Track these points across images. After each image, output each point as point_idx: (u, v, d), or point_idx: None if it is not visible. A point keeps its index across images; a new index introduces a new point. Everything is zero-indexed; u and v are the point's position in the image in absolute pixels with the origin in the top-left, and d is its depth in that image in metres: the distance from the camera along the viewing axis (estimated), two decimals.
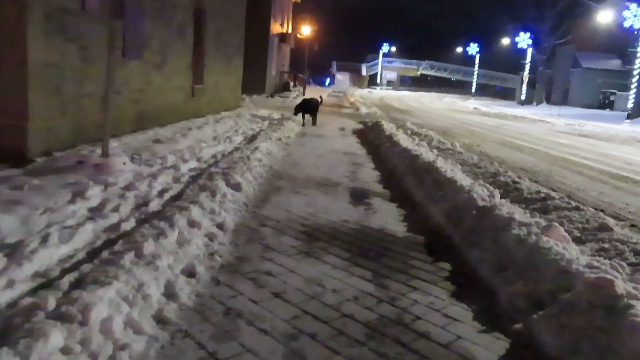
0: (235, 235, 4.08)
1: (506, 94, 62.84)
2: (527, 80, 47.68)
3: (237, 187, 5.25)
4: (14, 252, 3.07)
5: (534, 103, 44.78)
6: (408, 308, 3.06)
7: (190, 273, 3.18)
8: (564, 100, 38.76)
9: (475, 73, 65.39)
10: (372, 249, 4.10)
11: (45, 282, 2.83)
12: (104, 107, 6.11)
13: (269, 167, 7.05)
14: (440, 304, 3.15)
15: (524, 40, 47.52)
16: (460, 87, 74.71)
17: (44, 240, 3.27)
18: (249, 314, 2.80)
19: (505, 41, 60.01)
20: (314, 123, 13.79)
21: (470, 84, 66.42)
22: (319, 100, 14.31)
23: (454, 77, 73.23)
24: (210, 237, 3.84)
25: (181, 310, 2.74)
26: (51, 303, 2.38)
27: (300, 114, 13.63)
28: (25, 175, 5.11)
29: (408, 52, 77.71)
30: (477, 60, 65.44)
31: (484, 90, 67.91)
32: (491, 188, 5.62)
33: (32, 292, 2.68)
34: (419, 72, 72.48)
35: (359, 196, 5.97)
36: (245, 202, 5.05)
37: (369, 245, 4.19)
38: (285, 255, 3.78)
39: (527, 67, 47.78)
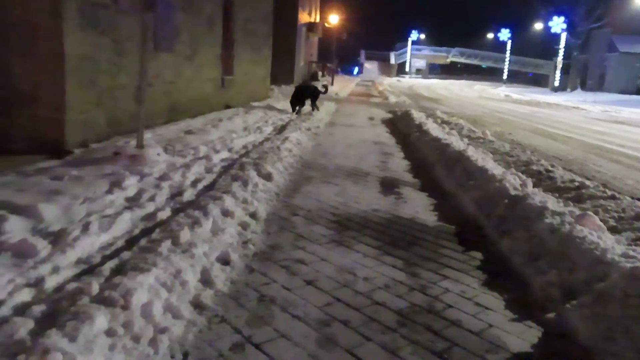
0: (267, 224, 4.16)
1: (539, 80, 61.32)
2: (560, 66, 46.42)
3: (268, 177, 5.32)
4: (58, 239, 3.21)
5: (568, 89, 43.58)
6: (439, 296, 3.08)
7: (224, 261, 3.26)
8: (599, 86, 37.64)
9: (507, 59, 64.00)
10: (402, 238, 4.11)
11: (87, 268, 2.95)
12: (137, 98, 6.25)
13: (299, 157, 7.10)
14: (471, 293, 3.16)
15: (557, 24, 46.25)
16: (491, 75, 73.26)
17: (85, 228, 3.40)
18: (283, 301, 2.86)
19: (538, 26, 58.52)
20: (314, 109, 12.68)
21: (502, 70, 65.08)
22: (323, 89, 13.36)
23: (484, 64, 71.82)
24: (243, 226, 3.92)
25: (217, 297, 2.82)
26: (95, 288, 2.50)
27: (297, 106, 12.43)
28: (64, 166, 5.29)
29: (437, 39, 76.60)
30: (508, 47, 64.03)
31: (515, 77, 66.45)
32: (523, 177, 5.55)
33: (76, 277, 2.81)
34: (448, 60, 71.37)
35: (389, 185, 5.97)
36: (277, 192, 5.12)
37: (399, 235, 4.20)
38: (316, 243, 3.83)
39: (561, 52, 46.49)
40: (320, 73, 33.21)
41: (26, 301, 2.48)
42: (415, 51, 72.29)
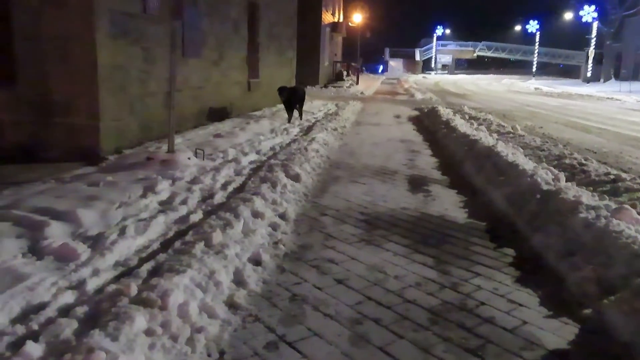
0: (297, 225, 4.20)
1: (570, 72, 59.83)
2: (592, 56, 45.16)
3: (296, 178, 5.37)
4: (97, 243, 3.33)
5: (601, 80, 42.39)
6: (471, 294, 3.06)
7: (256, 261, 3.31)
8: (634, 76, 36.42)
9: (536, 51, 62.60)
10: (432, 236, 4.10)
11: (125, 271, 3.05)
12: (167, 104, 6.40)
13: (326, 157, 7.14)
14: (504, 290, 3.13)
15: (588, 13, 45.04)
16: (519, 67, 71.85)
17: (122, 232, 3.51)
18: (314, 300, 2.90)
19: (568, 16, 57.12)
20: (300, 117, 11.08)
21: (531, 63, 63.69)
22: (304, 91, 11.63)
23: (512, 57, 70.44)
24: (274, 226, 3.97)
25: (250, 296, 2.88)
26: (133, 289, 2.58)
27: (287, 107, 10.84)
28: (99, 172, 5.46)
29: (463, 33, 75.64)
30: (537, 38, 62.61)
31: (545, 69, 65.05)
32: (556, 171, 5.46)
33: (115, 279, 2.91)
34: (475, 54, 70.33)
35: (417, 183, 5.95)
36: (305, 192, 5.16)
37: (429, 232, 4.19)
38: (346, 243, 3.86)
39: (593, 42, 45.23)
40: (345, 72, 33.18)
41: (69, 303, 2.58)
42: (441, 47, 71.47)
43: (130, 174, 5.22)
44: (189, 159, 5.83)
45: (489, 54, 69.61)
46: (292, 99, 10.71)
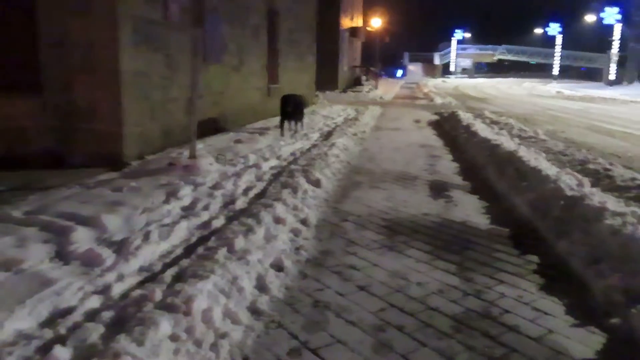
0: (318, 231, 4.20)
1: (592, 75, 58.80)
2: (616, 58, 44.35)
3: (317, 184, 5.38)
4: (121, 248, 3.38)
5: (625, 83, 41.61)
6: (495, 301, 3.02)
7: (278, 267, 3.32)
8: None
9: (557, 54, 61.74)
10: (454, 242, 4.06)
11: (150, 276, 3.09)
12: (188, 110, 6.48)
13: (346, 162, 7.14)
14: (529, 297, 3.08)
15: (611, 15, 44.27)
16: (540, 71, 70.96)
17: (146, 237, 3.56)
18: (337, 306, 2.90)
19: (590, 18, 56.22)
20: (295, 131, 9.38)
21: (552, 66, 62.85)
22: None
23: (533, 61, 69.55)
24: (295, 232, 3.98)
25: (272, 302, 2.89)
26: (158, 295, 2.62)
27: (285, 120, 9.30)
28: (123, 177, 5.55)
29: (483, 37, 74.95)
30: (558, 41, 61.77)
31: (567, 72, 64.05)
32: (580, 176, 5.38)
33: (140, 284, 2.94)
34: (495, 58, 69.62)
35: (438, 189, 5.91)
36: (326, 198, 5.17)
37: (451, 239, 4.16)
38: (367, 249, 3.85)
39: (616, 44, 44.46)
40: (364, 77, 33.17)
41: (96, 307, 2.62)
42: (460, 50, 70.93)
43: (153, 180, 5.29)
44: (210, 164, 5.89)
45: (509, 57, 68.81)
46: (292, 108, 9.15)
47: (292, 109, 9.11)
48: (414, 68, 64.42)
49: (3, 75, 6.27)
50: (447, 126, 12.04)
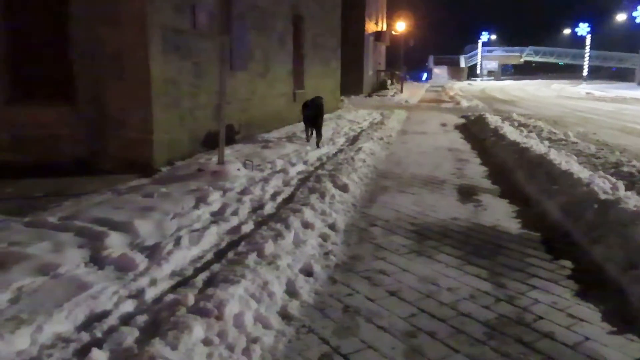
0: (346, 235, 4.20)
1: (624, 75, 57.34)
2: None
3: (344, 188, 5.38)
4: (154, 253, 3.44)
5: None
6: (528, 307, 2.97)
7: (307, 272, 3.33)
8: None
9: (587, 55, 60.38)
10: (485, 247, 4.01)
11: (182, 280, 3.13)
12: (216, 117, 6.56)
13: (373, 167, 7.12)
14: (563, 304, 3.01)
15: None
16: (569, 72, 69.42)
17: (177, 242, 3.61)
18: (367, 312, 2.89)
19: (621, 17, 54.81)
20: (317, 142, 8.60)
21: (581, 67, 61.49)
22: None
23: (561, 62, 68.21)
24: (324, 237, 3.99)
25: (303, 307, 2.89)
26: (190, 299, 2.65)
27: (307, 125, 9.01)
28: (153, 183, 5.65)
29: (509, 38, 73.97)
30: (588, 41, 60.40)
31: (597, 73, 62.60)
32: (613, 179, 5.24)
33: (172, 289, 2.99)
34: (522, 59, 68.57)
35: (467, 193, 5.84)
36: (354, 203, 5.16)
37: (481, 243, 4.10)
38: (397, 254, 3.82)
39: None
40: (389, 81, 33.05)
41: (130, 311, 2.68)
42: (486, 53, 70.12)
43: (182, 185, 5.37)
44: (238, 170, 5.95)
45: (537, 58, 67.67)
46: (313, 113, 8.73)
47: (314, 113, 8.66)
48: (439, 71, 63.91)
49: (38, 85, 6.48)
50: (475, 129, 11.89)
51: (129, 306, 2.72)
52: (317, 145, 8.46)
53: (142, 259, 3.33)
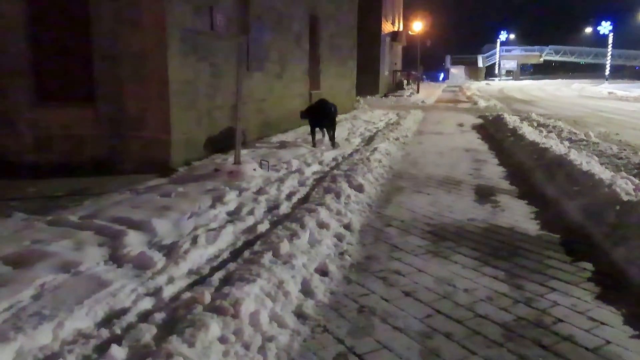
0: (362, 236, 4.19)
1: None
2: None
3: (359, 189, 5.37)
4: (171, 252, 3.48)
5: None
6: (547, 310, 2.93)
7: (323, 272, 3.33)
8: None
9: (609, 54, 59.32)
10: (502, 248, 3.96)
11: (198, 279, 3.16)
12: (233, 117, 6.60)
13: (388, 167, 7.09)
14: (583, 306, 2.97)
15: None
16: (590, 71, 68.35)
17: (194, 241, 3.65)
18: (382, 312, 2.88)
19: None
20: (333, 144, 8.52)
21: (603, 66, 60.40)
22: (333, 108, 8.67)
23: (582, 61, 67.21)
24: (339, 237, 3.99)
25: (318, 307, 2.90)
26: (207, 297, 2.67)
27: (314, 129, 8.65)
28: (171, 183, 5.71)
29: (528, 38, 73.17)
30: (610, 40, 59.35)
31: (620, 72, 61.57)
32: (637, 181, 5.15)
33: (189, 287, 3.01)
34: (541, 59, 67.74)
35: (484, 194, 5.78)
36: (369, 203, 5.15)
37: (499, 245, 4.06)
38: (412, 254, 3.81)
39: None
40: (405, 81, 32.91)
41: (148, 309, 2.71)
42: (505, 52, 69.39)
43: (199, 185, 5.42)
44: (254, 170, 5.98)
45: (557, 58, 66.79)
46: (320, 117, 8.52)
47: (320, 115, 8.43)
48: (457, 71, 63.46)
49: (60, 87, 6.60)
50: (492, 130, 11.78)
51: (147, 304, 2.76)
52: (333, 146, 8.41)
53: (159, 257, 3.37)
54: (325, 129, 8.70)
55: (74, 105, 6.61)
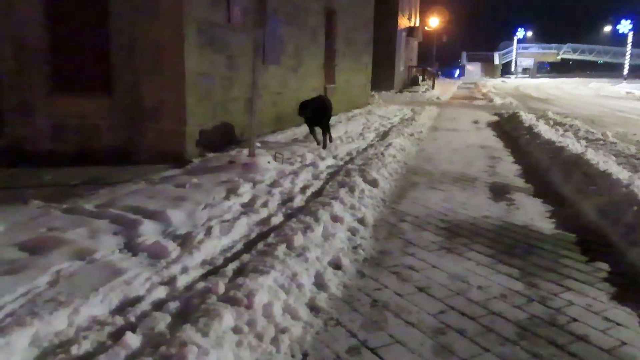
0: (375, 230, 4.18)
1: None
2: None
3: (373, 183, 5.35)
4: (185, 242, 3.50)
5: None
6: (562, 309, 2.90)
7: (336, 265, 3.33)
8: None
9: (628, 53, 58.32)
10: (517, 246, 3.93)
11: (212, 269, 3.17)
12: (248, 110, 6.61)
13: (403, 162, 7.06)
14: (599, 307, 2.93)
15: None
16: (608, 70, 67.33)
17: (208, 232, 3.66)
18: (395, 307, 2.87)
19: None
20: (324, 144, 7.76)
21: (622, 65, 59.41)
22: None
23: (600, 60, 66.20)
24: (352, 231, 3.98)
25: (331, 300, 2.89)
26: (221, 288, 2.69)
27: (311, 127, 7.92)
28: (185, 174, 5.74)
29: (546, 35, 72.27)
30: (629, 39, 58.34)
31: (638, 72, 60.45)
32: None
33: (203, 277, 3.03)
34: (559, 57, 66.85)
35: (499, 191, 5.73)
36: (383, 198, 5.13)
37: (513, 242, 4.02)
38: (426, 250, 3.79)
39: None
40: (420, 77, 32.70)
41: (162, 298, 2.73)
42: (522, 49, 68.59)
43: (213, 177, 5.44)
44: (268, 162, 5.98)
45: (575, 56, 65.88)
46: (317, 115, 7.71)
47: (312, 114, 7.61)
48: (472, 68, 62.91)
49: (78, 77, 6.66)
50: (508, 127, 11.67)
51: (161, 292, 2.77)
52: (324, 147, 7.64)
53: (174, 247, 3.39)
54: (322, 128, 7.83)
55: (91, 95, 6.66)
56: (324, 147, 7.67)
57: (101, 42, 6.49)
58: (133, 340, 2.21)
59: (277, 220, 4.15)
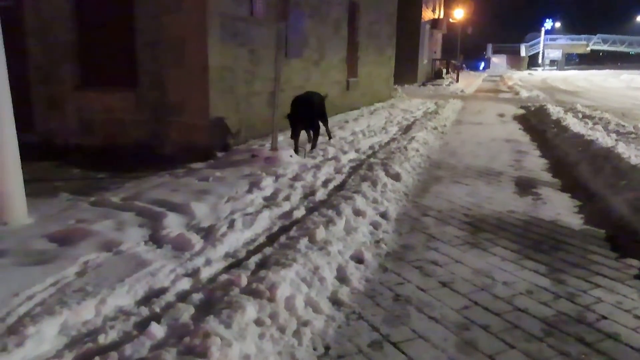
0: (398, 224, 4.15)
1: None
2: None
3: (396, 177, 5.31)
4: (209, 235, 3.53)
5: None
6: (590, 306, 2.83)
7: (358, 259, 3.32)
8: None
9: None
10: (544, 242, 3.85)
11: (235, 262, 3.19)
12: (271, 103, 6.62)
13: (426, 156, 6.99)
14: (629, 304, 2.85)
15: None
16: None
17: (231, 225, 3.69)
18: (418, 302, 2.84)
19: None
20: (314, 145, 6.85)
21: None
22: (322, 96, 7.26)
23: (632, 51, 64.23)
24: (375, 225, 3.96)
25: (353, 294, 2.89)
26: (244, 280, 2.70)
27: (295, 129, 6.51)
28: (208, 168, 5.79)
29: (575, 26, 70.48)
30: None
31: None
32: None
33: (226, 269, 3.05)
34: (588, 48, 65.07)
35: (525, 185, 5.63)
36: (406, 192, 5.09)
37: (540, 238, 3.94)
38: (450, 245, 3.74)
39: None
40: (444, 70, 32.27)
41: (186, 289, 2.76)
42: (550, 41, 67.00)
43: (236, 170, 5.48)
44: (290, 156, 5.99)
45: (605, 47, 64.04)
46: (304, 113, 6.52)
47: (302, 114, 6.47)
48: (498, 60, 61.77)
49: (104, 72, 6.77)
50: (534, 120, 11.44)
51: (185, 284, 2.81)
52: (311, 149, 6.69)
53: (197, 239, 3.42)
54: (311, 130, 6.84)
55: (117, 90, 6.77)
56: (312, 148, 6.66)
57: (127, 37, 6.58)
58: (158, 330, 2.25)
59: (299, 213, 4.16)
